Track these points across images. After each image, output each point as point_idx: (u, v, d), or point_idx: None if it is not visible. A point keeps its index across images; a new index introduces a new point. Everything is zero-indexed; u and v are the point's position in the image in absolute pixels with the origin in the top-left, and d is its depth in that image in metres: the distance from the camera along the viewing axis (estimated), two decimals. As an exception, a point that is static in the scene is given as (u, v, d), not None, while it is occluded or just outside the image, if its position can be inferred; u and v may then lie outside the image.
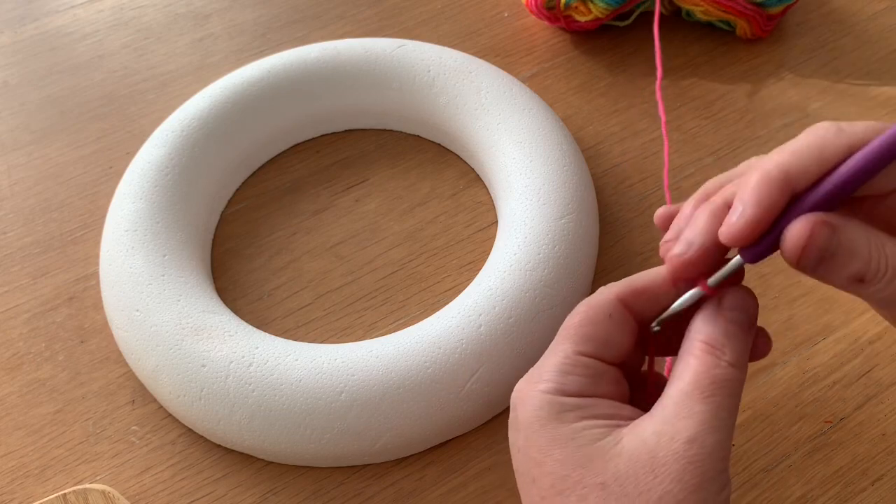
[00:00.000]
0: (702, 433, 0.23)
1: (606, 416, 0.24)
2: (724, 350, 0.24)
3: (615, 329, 0.26)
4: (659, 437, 0.23)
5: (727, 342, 0.24)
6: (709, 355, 0.24)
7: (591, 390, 0.25)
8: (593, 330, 0.26)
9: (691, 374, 0.24)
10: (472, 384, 0.36)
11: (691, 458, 0.23)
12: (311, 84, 0.47)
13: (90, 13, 0.58)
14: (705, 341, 0.24)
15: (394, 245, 0.44)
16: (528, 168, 0.42)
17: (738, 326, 0.25)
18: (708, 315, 0.25)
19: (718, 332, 0.24)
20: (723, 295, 0.25)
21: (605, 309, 0.26)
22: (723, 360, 0.24)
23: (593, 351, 0.25)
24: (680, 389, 0.24)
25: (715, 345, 0.24)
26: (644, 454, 0.23)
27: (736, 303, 0.25)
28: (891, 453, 0.36)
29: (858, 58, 0.51)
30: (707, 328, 0.25)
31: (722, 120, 0.49)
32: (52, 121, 0.52)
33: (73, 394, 0.40)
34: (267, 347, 0.37)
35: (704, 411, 0.23)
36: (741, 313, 0.25)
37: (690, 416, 0.23)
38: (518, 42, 0.54)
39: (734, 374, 0.24)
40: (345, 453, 0.36)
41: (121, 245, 0.40)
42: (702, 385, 0.24)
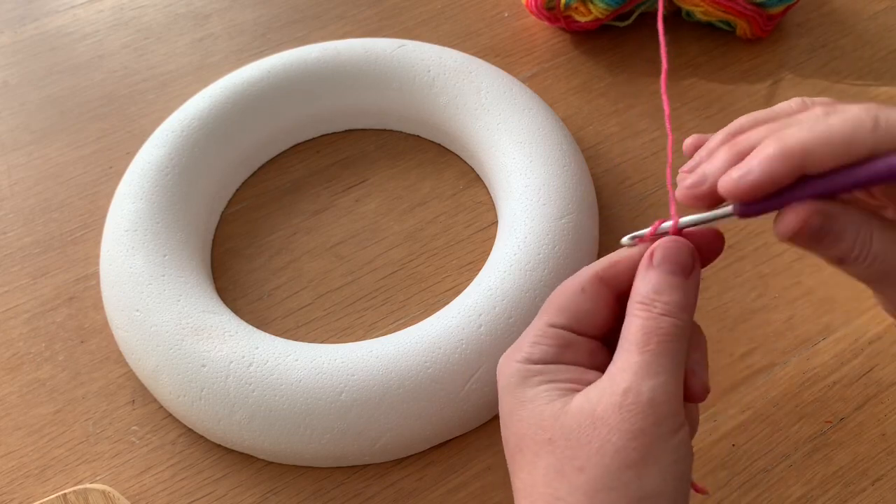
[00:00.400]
0: (636, 382, 0.24)
1: (567, 380, 0.26)
2: (654, 304, 0.25)
3: (588, 302, 0.27)
4: (601, 393, 0.24)
5: (657, 297, 0.25)
6: (642, 311, 0.25)
7: (558, 358, 0.26)
8: (565, 302, 0.27)
9: (629, 332, 0.25)
10: (472, 384, 0.36)
11: (627, 406, 0.23)
12: (311, 84, 0.47)
13: (90, 13, 0.58)
14: (638, 301, 0.25)
15: (394, 245, 0.44)
16: (528, 168, 0.42)
17: (668, 275, 0.25)
18: (641, 272, 0.26)
19: (648, 288, 0.25)
20: (653, 250, 0.26)
21: (578, 283, 0.27)
22: (654, 312, 0.25)
23: (564, 322, 0.27)
24: (621, 348, 0.25)
25: (645, 301, 0.25)
26: (587, 410, 0.24)
27: (664, 253, 0.26)
28: (891, 453, 0.36)
29: (858, 58, 0.52)
30: (639, 285, 0.26)
31: (722, 120, 0.49)
32: (52, 121, 0.52)
33: (73, 394, 0.40)
34: (267, 347, 0.37)
35: (639, 361, 0.24)
36: (670, 263, 0.26)
37: (626, 369, 0.24)
38: (518, 42, 0.54)
39: (668, 322, 0.25)
40: (345, 453, 0.36)
41: (121, 245, 0.40)
42: (636, 338, 0.25)
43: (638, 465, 0.23)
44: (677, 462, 0.24)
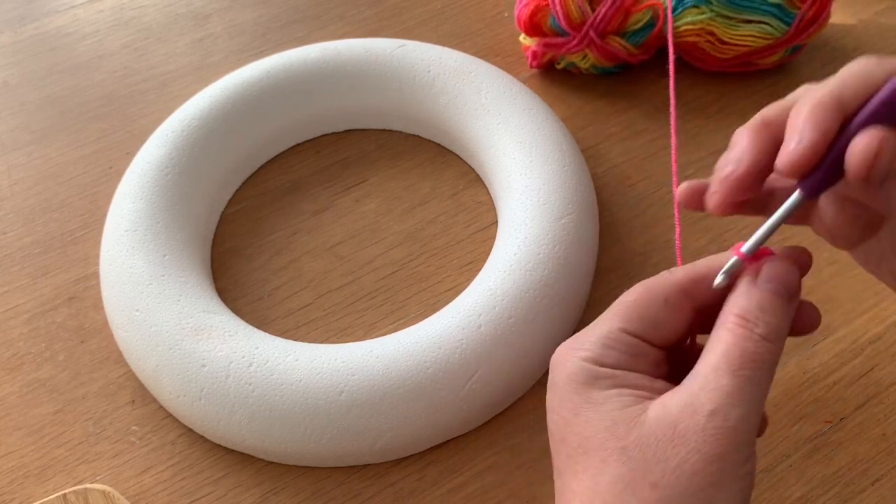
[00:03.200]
0: (725, 406, 0.23)
1: (638, 386, 0.25)
2: (756, 323, 0.24)
3: (669, 314, 0.26)
4: (683, 408, 0.23)
5: (760, 315, 0.24)
6: (740, 328, 0.24)
7: (628, 366, 0.25)
8: (645, 311, 0.26)
9: (721, 347, 0.24)
10: (472, 384, 0.36)
11: (712, 430, 0.23)
12: (311, 84, 0.47)
13: (90, 13, 0.58)
14: (737, 314, 0.24)
15: (394, 245, 0.44)
16: (528, 168, 0.42)
17: (773, 297, 0.24)
18: (743, 287, 0.25)
19: (752, 305, 0.24)
20: (760, 265, 0.25)
21: (662, 293, 0.26)
22: (755, 332, 0.24)
23: (640, 331, 0.26)
24: (709, 363, 0.24)
25: (747, 317, 0.24)
26: (666, 424, 0.23)
27: (772, 273, 0.25)
28: (891, 453, 0.36)
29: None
30: (740, 300, 0.24)
31: (722, 120, 0.49)
32: (52, 121, 0.52)
33: (73, 394, 0.40)
34: (267, 347, 0.37)
35: (730, 384, 0.23)
36: (778, 284, 0.24)
37: (716, 389, 0.23)
38: (518, 42, 0.54)
39: (766, 347, 0.24)
40: (345, 453, 0.36)
41: (121, 245, 0.40)
42: (730, 358, 0.23)
43: (712, 489, 0.23)
44: (744, 489, 0.23)
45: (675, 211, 0.27)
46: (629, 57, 0.49)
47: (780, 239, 0.43)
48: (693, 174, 0.46)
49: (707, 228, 0.44)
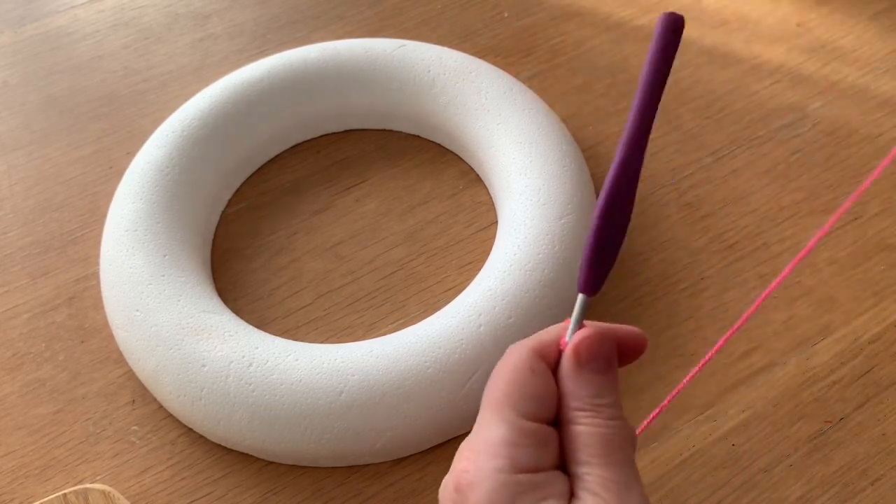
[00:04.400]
0: (624, 497, 0.22)
1: (560, 494, 0.23)
2: (599, 409, 0.24)
3: (542, 383, 0.24)
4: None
5: (599, 400, 0.24)
6: (590, 418, 0.23)
7: (543, 461, 0.23)
8: (524, 390, 0.24)
9: (585, 443, 0.23)
10: (472, 384, 0.36)
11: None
12: (311, 84, 0.47)
13: (90, 13, 0.58)
14: (581, 407, 0.24)
15: (394, 245, 0.44)
16: (528, 168, 0.42)
17: (601, 377, 0.24)
18: (571, 377, 0.24)
19: (587, 393, 0.24)
20: (577, 349, 0.24)
21: (527, 365, 0.24)
22: (603, 418, 0.23)
23: (533, 412, 0.24)
24: (579, 461, 0.23)
25: (590, 407, 0.24)
26: None
27: (591, 353, 0.24)
28: (890, 453, 0.36)
29: (858, 58, 0.52)
30: (577, 391, 0.24)
31: (722, 120, 0.49)
32: (52, 121, 0.52)
33: (73, 394, 0.40)
34: (267, 347, 0.37)
35: (615, 477, 0.23)
36: (599, 362, 0.24)
37: (607, 488, 0.22)
38: (518, 42, 0.54)
39: (619, 425, 0.24)
40: (345, 453, 0.36)
41: (121, 245, 0.40)
42: (598, 452, 0.23)
43: None
44: None
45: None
46: None
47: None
48: (692, 174, 0.46)
49: (707, 229, 0.44)
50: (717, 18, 0.54)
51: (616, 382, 0.25)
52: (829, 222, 0.23)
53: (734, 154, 0.47)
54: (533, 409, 0.24)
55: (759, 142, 0.48)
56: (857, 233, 0.44)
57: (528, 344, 0.25)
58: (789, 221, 0.44)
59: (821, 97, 0.50)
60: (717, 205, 0.45)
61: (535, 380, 0.24)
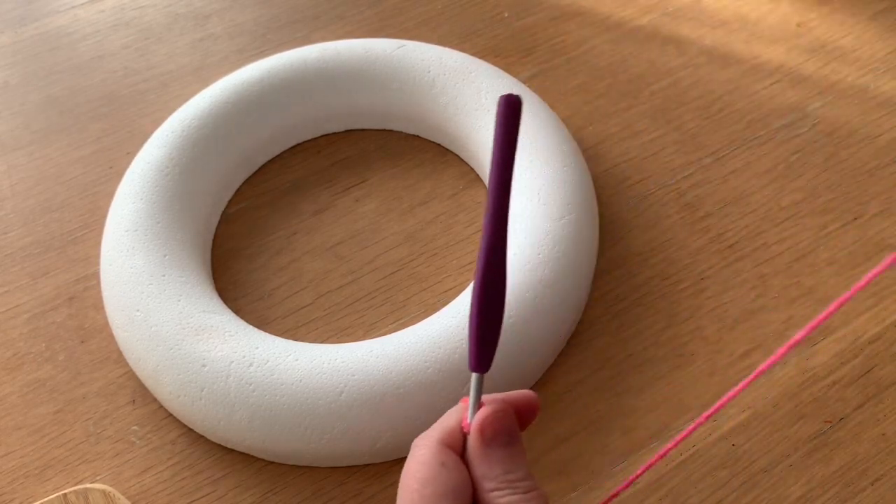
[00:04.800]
0: None
1: None
2: (515, 485, 0.24)
3: (454, 476, 0.24)
4: None
5: (512, 475, 0.24)
6: (508, 496, 0.23)
7: None
8: (437, 487, 0.23)
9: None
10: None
11: None
12: (311, 84, 0.47)
13: (91, 13, 0.58)
14: (497, 487, 0.24)
15: (394, 245, 0.44)
16: (528, 168, 0.42)
17: (507, 450, 0.24)
18: (480, 458, 0.24)
19: (500, 471, 0.24)
20: (481, 429, 0.24)
21: (436, 459, 0.24)
22: (518, 492, 0.23)
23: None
24: None
25: (505, 486, 0.24)
26: None
27: (495, 429, 0.24)
28: (890, 453, 0.36)
29: (858, 58, 0.52)
30: (489, 472, 0.24)
31: (722, 120, 0.49)
32: (52, 121, 0.52)
33: (73, 394, 0.40)
34: (267, 347, 0.37)
35: None
36: (503, 436, 0.24)
37: None
38: (518, 42, 0.54)
39: (534, 495, 0.23)
40: (345, 453, 0.36)
41: (121, 245, 0.40)
42: None
43: None
44: None
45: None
46: None
47: (779, 239, 0.43)
48: (692, 174, 0.46)
49: (707, 229, 0.44)
50: (717, 18, 0.54)
51: (523, 452, 0.25)
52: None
53: (734, 154, 0.47)
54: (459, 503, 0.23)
55: (759, 142, 0.48)
56: (857, 233, 0.44)
57: (434, 436, 0.25)
58: (789, 221, 0.44)
59: (821, 97, 0.50)
60: (717, 205, 0.45)
61: (446, 474, 0.24)
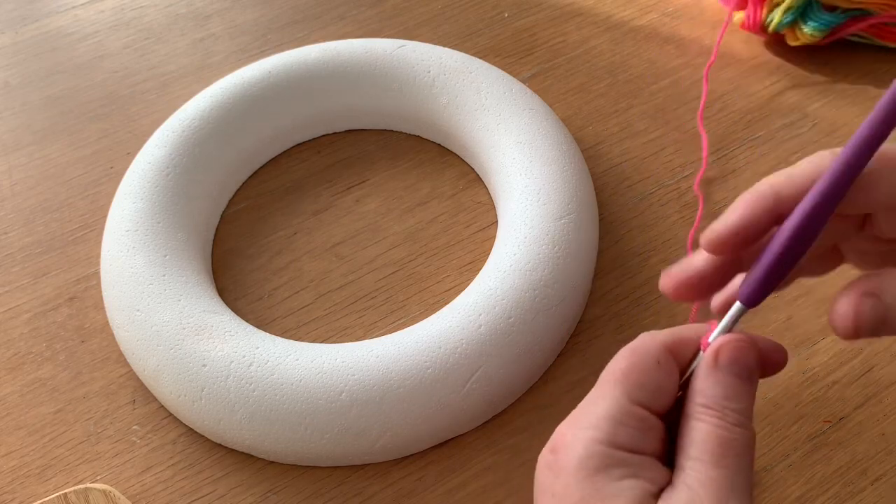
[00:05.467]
0: (722, 500, 0.22)
1: (652, 479, 0.23)
2: (725, 412, 0.24)
3: (664, 377, 0.25)
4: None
5: (727, 402, 0.24)
6: (713, 418, 0.23)
7: (642, 446, 0.24)
8: (643, 377, 0.24)
9: (699, 437, 0.23)
10: (472, 384, 0.36)
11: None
12: (311, 84, 0.47)
13: (91, 14, 0.58)
14: (706, 405, 0.24)
15: (394, 245, 0.44)
16: (528, 168, 0.42)
17: (737, 381, 0.24)
18: (705, 374, 0.24)
19: (717, 393, 0.24)
20: (718, 350, 0.25)
21: (654, 355, 0.25)
22: (727, 421, 0.23)
23: (646, 400, 0.24)
24: (691, 456, 0.23)
25: (716, 407, 0.24)
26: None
27: (732, 356, 0.24)
28: (890, 453, 0.36)
29: (858, 58, 0.51)
30: (706, 389, 0.24)
31: (722, 120, 0.49)
32: (53, 121, 0.52)
33: (73, 393, 0.40)
34: (267, 347, 0.37)
35: (719, 478, 0.23)
36: (738, 367, 0.24)
37: (708, 484, 0.23)
38: (518, 42, 0.54)
39: (740, 433, 0.23)
40: (345, 453, 0.36)
41: (121, 245, 0.40)
42: (711, 450, 0.23)
43: None
44: None
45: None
46: None
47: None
48: (692, 174, 0.46)
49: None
50: (717, 19, 0.54)
51: (752, 394, 0.24)
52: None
53: (734, 154, 0.47)
54: (645, 397, 0.24)
55: (759, 142, 0.48)
56: (857, 233, 0.43)
57: (661, 337, 0.25)
58: (789, 221, 0.44)
59: (821, 97, 0.50)
60: (718, 205, 0.45)
61: (656, 372, 0.25)
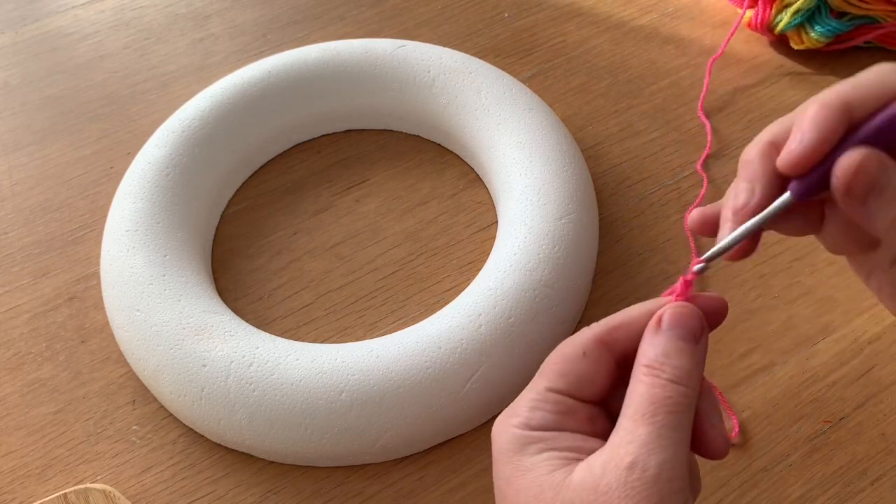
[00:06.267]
0: (643, 456, 0.22)
1: (569, 448, 0.24)
2: (662, 369, 0.24)
3: (589, 367, 0.26)
4: (604, 465, 0.23)
5: (666, 360, 0.24)
6: (649, 377, 0.24)
7: (558, 425, 0.25)
8: (566, 367, 0.26)
9: (635, 397, 0.24)
10: (472, 384, 0.36)
11: (633, 483, 0.22)
12: (311, 84, 0.47)
13: (91, 14, 0.58)
14: (645, 364, 0.24)
15: (394, 245, 0.44)
16: (528, 168, 0.42)
17: (678, 341, 0.24)
18: (647, 338, 0.25)
19: (657, 352, 0.24)
20: (662, 313, 0.25)
21: (580, 347, 0.26)
22: (662, 378, 0.24)
23: (565, 388, 0.25)
24: (625, 415, 0.24)
25: (654, 365, 0.24)
26: (590, 485, 0.23)
27: (672, 320, 0.25)
28: (890, 453, 0.36)
29: (859, 59, 0.51)
30: (647, 350, 0.25)
31: (722, 120, 0.49)
32: (53, 121, 0.52)
33: (73, 394, 0.40)
34: (267, 347, 0.37)
35: (646, 433, 0.23)
36: (680, 329, 0.25)
37: (633, 441, 0.23)
38: (518, 42, 0.54)
39: (677, 390, 0.24)
40: (345, 453, 0.36)
41: (121, 245, 0.40)
42: (643, 408, 0.23)
43: None
44: None
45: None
46: None
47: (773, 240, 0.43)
48: (692, 174, 0.46)
49: (707, 228, 0.44)
50: (717, 19, 0.54)
51: (696, 355, 0.25)
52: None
53: (734, 154, 0.47)
54: (565, 385, 0.25)
55: (759, 142, 0.48)
56: (857, 233, 0.43)
57: (594, 329, 0.26)
58: (789, 221, 0.44)
59: (821, 97, 0.50)
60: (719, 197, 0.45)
61: (580, 363, 0.26)
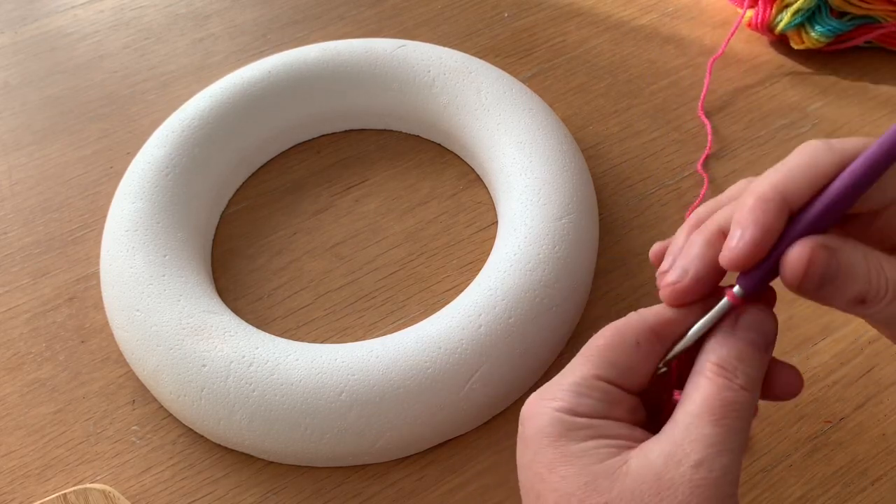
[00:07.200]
0: (710, 457, 0.22)
1: (617, 436, 0.24)
2: (735, 373, 0.24)
3: (641, 358, 0.25)
4: (666, 458, 0.23)
5: (739, 364, 0.24)
6: (720, 377, 0.23)
7: (605, 414, 0.24)
8: (617, 356, 0.25)
9: (701, 395, 0.23)
10: (472, 384, 0.36)
11: (698, 482, 0.22)
12: (311, 84, 0.47)
13: (90, 13, 0.58)
14: (717, 363, 0.24)
15: (394, 245, 0.44)
16: (528, 168, 0.42)
17: (752, 347, 0.24)
18: (722, 335, 0.24)
19: (731, 354, 0.24)
20: (739, 314, 0.25)
21: (634, 336, 0.25)
22: (735, 382, 0.23)
23: (614, 377, 0.25)
24: (689, 411, 0.23)
25: (727, 367, 0.24)
26: (650, 476, 0.22)
27: (751, 322, 0.24)
28: (890, 453, 0.36)
29: (859, 58, 0.51)
30: (720, 349, 0.24)
31: (722, 120, 0.49)
32: (52, 121, 0.52)
33: (73, 394, 0.40)
34: (267, 347, 0.37)
35: (714, 434, 0.23)
36: (756, 334, 0.24)
37: (699, 439, 0.23)
38: (518, 42, 0.54)
39: (746, 397, 0.23)
40: (345, 453, 0.36)
41: (121, 245, 0.40)
42: (712, 407, 0.23)
43: None
44: None
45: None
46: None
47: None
48: (692, 174, 0.46)
49: (707, 228, 0.44)
50: (717, 18, 0.54)
51: (764, 364, 0.24)
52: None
53: (734, 154, 0.47)
54: (614, 375, 0.25)
55: (758, 142, 0.48)
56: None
57: (648, 317, 0.25)
58: (789, 221, 0.44)
59: (821, 97, 0.50)
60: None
61: (632, 352, 0.25)
